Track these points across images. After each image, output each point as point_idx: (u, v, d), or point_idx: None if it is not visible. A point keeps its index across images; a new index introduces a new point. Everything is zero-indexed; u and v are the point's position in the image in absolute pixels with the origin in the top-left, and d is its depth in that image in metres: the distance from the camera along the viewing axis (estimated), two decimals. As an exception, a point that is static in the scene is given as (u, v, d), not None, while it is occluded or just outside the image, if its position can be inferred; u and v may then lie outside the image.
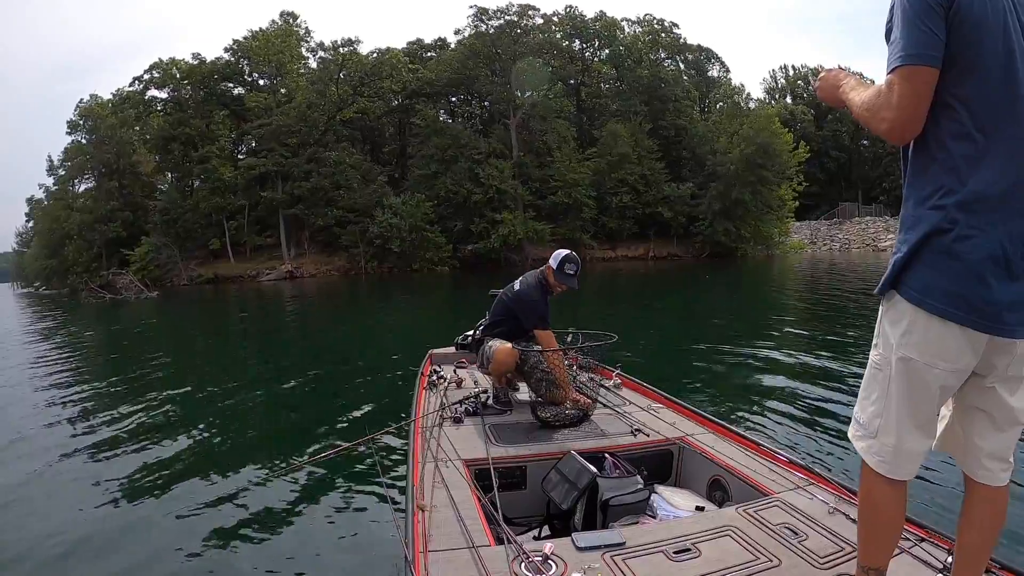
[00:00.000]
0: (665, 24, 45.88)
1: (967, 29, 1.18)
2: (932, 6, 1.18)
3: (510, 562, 1.68)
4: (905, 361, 1.30)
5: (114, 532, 3.25)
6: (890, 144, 1.34)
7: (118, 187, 42.40)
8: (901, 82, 1.20)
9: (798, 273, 23.00)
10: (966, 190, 1.21)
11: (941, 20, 1.18)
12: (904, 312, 1.30)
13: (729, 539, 1.80)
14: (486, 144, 38.57)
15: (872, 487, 1.40)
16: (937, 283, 1.24)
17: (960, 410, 1.40)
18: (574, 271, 3.46)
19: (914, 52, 1.19)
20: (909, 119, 1.22)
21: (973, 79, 1.20)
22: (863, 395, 1.43)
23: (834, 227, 43.79)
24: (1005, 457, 1.37)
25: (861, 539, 1.46)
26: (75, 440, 4.99)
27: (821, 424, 4.55)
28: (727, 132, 37.25)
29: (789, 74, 58.72)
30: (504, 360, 3.30)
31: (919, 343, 1.28)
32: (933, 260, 1.24)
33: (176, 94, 42.49)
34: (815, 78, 1.52)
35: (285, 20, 43.90)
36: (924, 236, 1.24)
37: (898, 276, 1.30)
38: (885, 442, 1.36)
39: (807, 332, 9.39)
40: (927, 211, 1.25)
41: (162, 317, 19.84)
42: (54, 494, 3.84)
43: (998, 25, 1.19)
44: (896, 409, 1.34)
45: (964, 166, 1.21)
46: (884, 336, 1.36)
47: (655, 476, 2.61)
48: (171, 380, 7.55)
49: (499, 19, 40.79)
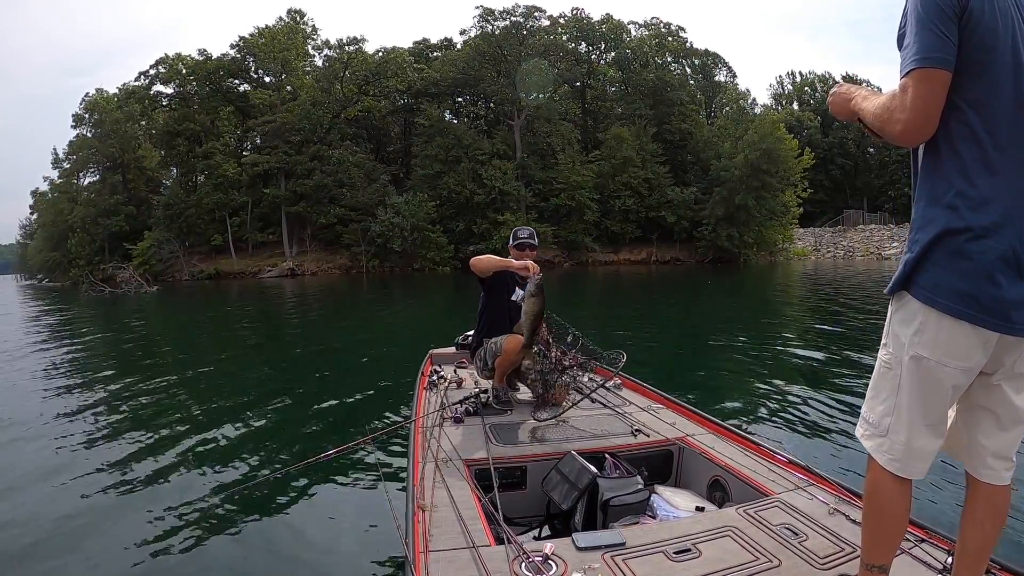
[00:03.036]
0: (672, 28, 45.99)
1: (979, 34, 1.21)
2: (945, 11, 1.21)
3: (510, 562, 1.68)
4: (917, 360, 1.31)
5: (111, 530, 3.23)
6: (902, 147, 1.36)
7: (122, 181, 42.60)
8: (916, 84, 1.22)
9: (801, 279, 22.97)
10: (977, 191, 1.23)
11: (954, 25, 1.21)
12: (915, 312, 1.31)
13: (729, 539, 1.79)
14: (489, 145, 38.64)
15: (879, 485, 1.40)
16: (949, 282, 1.25)
17: (965, 410, 1.41)
18: (527, 235, 3.66)
19: (928, 55, 1.21)
20: (923, 121, 1.24)
21: (984, 83, 1.23)
22: (872, 394, 1.44)
23: (838, 234, 43.76)
24: (1009, 456, 1.39)
25: (866, 537, 1.46)
26: (74, 440, 4.94)
27: (821, 424, 4.54)
28: (732, 137, 37.26)
29: (796, 80, 58.81)
30: (515, 347, 3.31)
31: (930, 342, 1.29)
32: (945, 260, 1.26)
33: (181, 89, 42.69)
34: (830, 93, 1.53)
35: (292, 18, 44.04)
36: (936, 236, 1.26)
37: (909, 276, 1.32)
38: (896, 440, 1.37)
39: (808, 335, 9.38)
40: (939, 211, 1.27)
41: (159, 314, 19.86)
42: (53, 492, 3.82)
43: (1007, 31, 1.23)
44: (907, 408, 1.35)
45: (975, 168, 1.24)
46: (895, 336, 1.37)
47: (655, 476, 2.61)
48: (168, 379, 7.51)
49: (505, 20, 40.94)
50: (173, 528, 3.21)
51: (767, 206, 35.52)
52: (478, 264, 3.51)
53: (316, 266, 38.34)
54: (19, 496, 3.75)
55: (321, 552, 2.96)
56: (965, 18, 1.21)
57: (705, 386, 6.15)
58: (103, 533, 3.19)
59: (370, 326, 13.04)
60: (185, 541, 3.06)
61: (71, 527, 3.26)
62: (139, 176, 43.56)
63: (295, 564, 2.85)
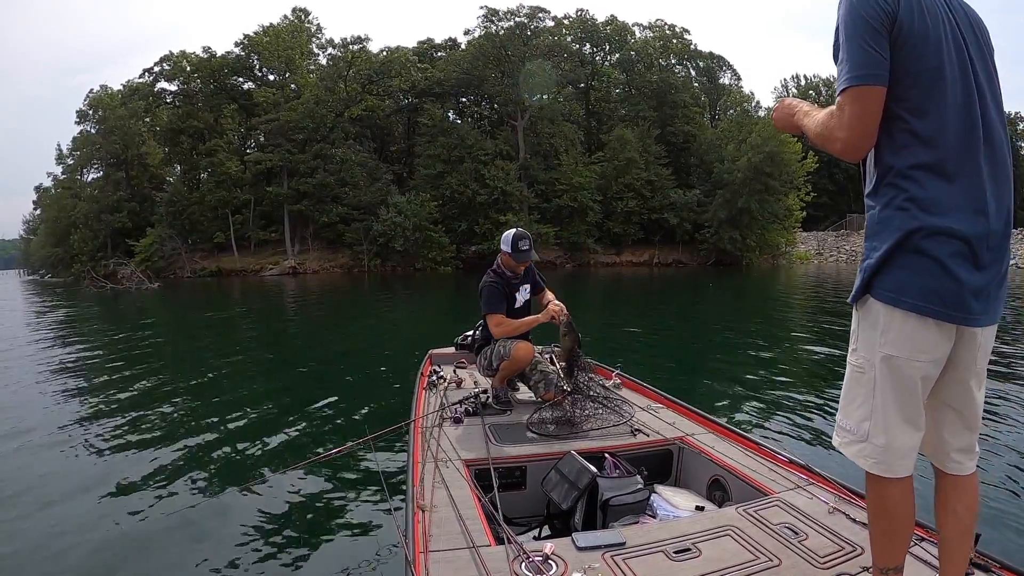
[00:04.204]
0: (676, 30, 46.00)
1: (910, 44, 1.25)
2: (873, 25, 1.25)
3: (510, 562, 1.68)
4: (888, 359, 1.34)
5: (108, 528, 3.22)
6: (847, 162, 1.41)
7: (125, 178, 42.65)
8: (851, 103, 1.27)
9: (803, 283, 22.94)
10: (926, 192, 1.27)
11: (884, 38, 1.25)
12: (879, 313, 1.34)
13: (729, 539, 1.79)
14: (492, 145, 38.61)
15: (881, 490, 1.40)
16: (910, 281, 1.29)
17: (932, 407, 1.43)
18: (528, 246, 3.54)
19: (859, 72, 1.25)
20: (860, 137, 1.29)
21: (922, 90, 1.27)
22: (846, 401, 1.44)
23: (842, 238, 43.64)
24: (972, 449, 1.45)
25: (876, 543, 1.44)
26: (74, 441, 4.92)
27: (821, 424, 4.54)
28: (735, 140, 37.21)
29: (801, 83, 58.67)
30: (524, 357, 3.35)
31: (897, 340, 1.32)
32: (904, 260, 1.29)
33: (186, 87, 42.69)
34: (774, 108, 1.59)
35: (297, 16, 44.07)
36: (892, 239, 1.29)
37: (870, 281, 1.35)
38: (877, 443, 1.37)
39: (808, 336, 9.36)
40: (891, 214, 1.31)
41: (158, 311, 19.88)
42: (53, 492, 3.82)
43: (938, 38, 1.27)
44: (884, 408, 1.36)
45: (921, 171, 1.27)
46: (864, 340, 1.39)
47: (655, 476, 2.60)
48: (166, 377, 7.53)
49: (509, 20, 40.91)
50: (172, 527, 3.20)
51: (770, 209, 35.47)
52: (507, 332, 3.47)
53: (318, 265, 38.36)
54: (20, 495, 3.75)
55: (321, 552, 2.96)
56: (895, 29, 1.25)
57: (705, 386, 6.14)
58: (100, 532, 3.18)
59: (370, 326, 13.05)
60: (184, 540, 3.06)
61: (70, 527, 3.24)
62: (142, 173, 43.57)
63: (295, 564, 2.85)
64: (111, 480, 3.91)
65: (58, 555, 2.95)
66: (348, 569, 2.78)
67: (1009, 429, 4.36)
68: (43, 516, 3.37)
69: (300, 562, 2.86)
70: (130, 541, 3.08)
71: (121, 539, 3.10)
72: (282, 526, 3.23)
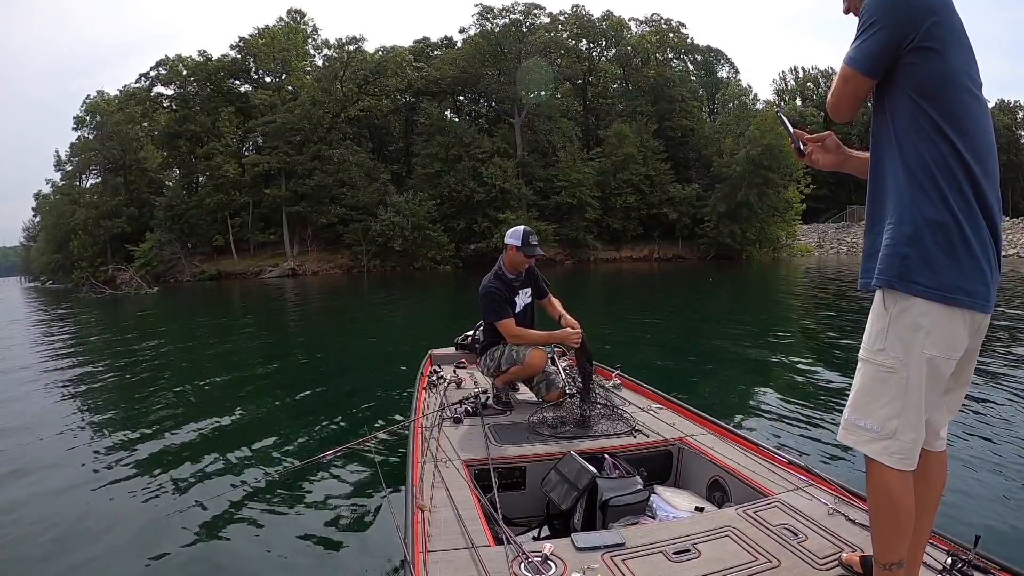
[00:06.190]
0: (672, 24, 45.85)
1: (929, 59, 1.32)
2: (893, 38, 1.32)
3: (510, 562, 1.68)
4: (931, 360, 1.35)
5: (109, 529, 3.23)
6: None
7: (124, 183, 42.68)
8: (841, 77, 1.41)
9: (804, 276, 22.92)
10: (955, 187, 1.31)
11: (895, 47, 1.33)
12: (923, 311, 1.34)
13: (729, 540, 1.79)
14: (490, 143, 38.57)
15: (889, 485, 1.41)
16: (953, 278, 1.31)
17: None
18: (536, 241, 3.58)
19: (858, 56, 1.37)
20: (836, 106, 1.45)
21: (944, 91, 1.32)
22: (866, 400, 1.43)
23: (842, 231, 43.58)
24: (946, 424, 1.54)
25: (882, 538, 1.44)
26: (73, 440, 4.96)
27: (821, 424, 4.53)
28: (734, 133, 37.12)
29: (799, 76, 58.56)
30: (537, 364, 3.37)
31: (938, 340, 1.34)
32: (943, 256, 1.31)
33: (182, 91, 42.68)
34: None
35: (292, 18, 44.03)
36: (928, 233, 1.32)
37: (904, 275, 1.34)
38: (905, 439, 1.39)
39: (809, 334, 9.36)
40: (927, 208, 1.33)
41: (158, 315, 19.88)
42: (51, 491, 3.83)
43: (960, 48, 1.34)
44: (916, 406, 1.38)
45: (950, 166, 1.32)
46: (898, 340, 1.37)
47: (655, 476, 2.60)
48: (165, 379, 7.54)
49: (504, 18, 40.87)
50: (172, 528, 3.21)
51: (769, 202, 35.41)
52: (521, 339, 3.44)
53: (317, 266, 38.38)
54: (18, 496, 3.76)
55: (320, 552, 2.96)
56: (917, 41, 1.31)
57: (705, 386, 6.13)
58: (101, 532, 3.20)
59: (370, 326, 13.04)
60: (184, 541, 3.06)
61: (70, 527, 3.26)
62: (141, 177, 43.59)
63: (295, 564, 2.85)
64: (111, 480, 3.92)
65: (57, 556, 2.95)
66: (348, 569, 2.78)
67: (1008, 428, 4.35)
68: (43, 518, 3.38)
69: (300, 562, 2.86)
70: (130, 541, 3.08)
71: (121, 539, 3.11)
72: (282, 526, 3.24)
